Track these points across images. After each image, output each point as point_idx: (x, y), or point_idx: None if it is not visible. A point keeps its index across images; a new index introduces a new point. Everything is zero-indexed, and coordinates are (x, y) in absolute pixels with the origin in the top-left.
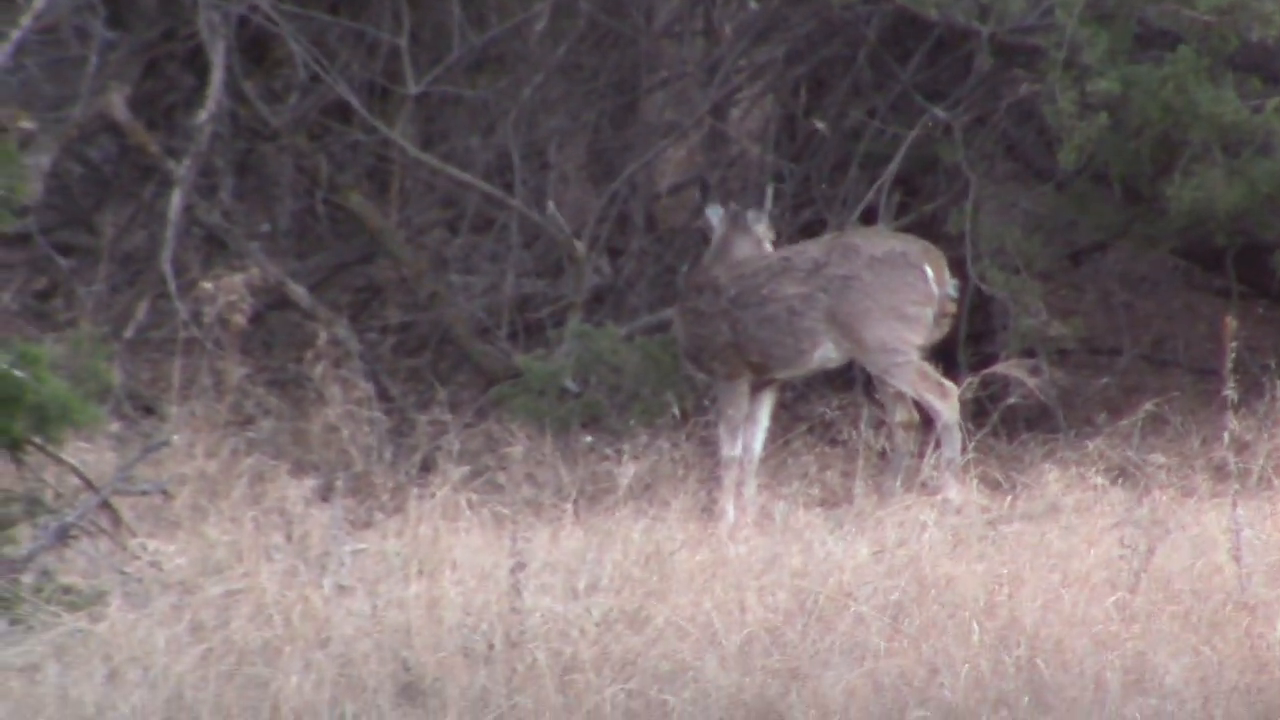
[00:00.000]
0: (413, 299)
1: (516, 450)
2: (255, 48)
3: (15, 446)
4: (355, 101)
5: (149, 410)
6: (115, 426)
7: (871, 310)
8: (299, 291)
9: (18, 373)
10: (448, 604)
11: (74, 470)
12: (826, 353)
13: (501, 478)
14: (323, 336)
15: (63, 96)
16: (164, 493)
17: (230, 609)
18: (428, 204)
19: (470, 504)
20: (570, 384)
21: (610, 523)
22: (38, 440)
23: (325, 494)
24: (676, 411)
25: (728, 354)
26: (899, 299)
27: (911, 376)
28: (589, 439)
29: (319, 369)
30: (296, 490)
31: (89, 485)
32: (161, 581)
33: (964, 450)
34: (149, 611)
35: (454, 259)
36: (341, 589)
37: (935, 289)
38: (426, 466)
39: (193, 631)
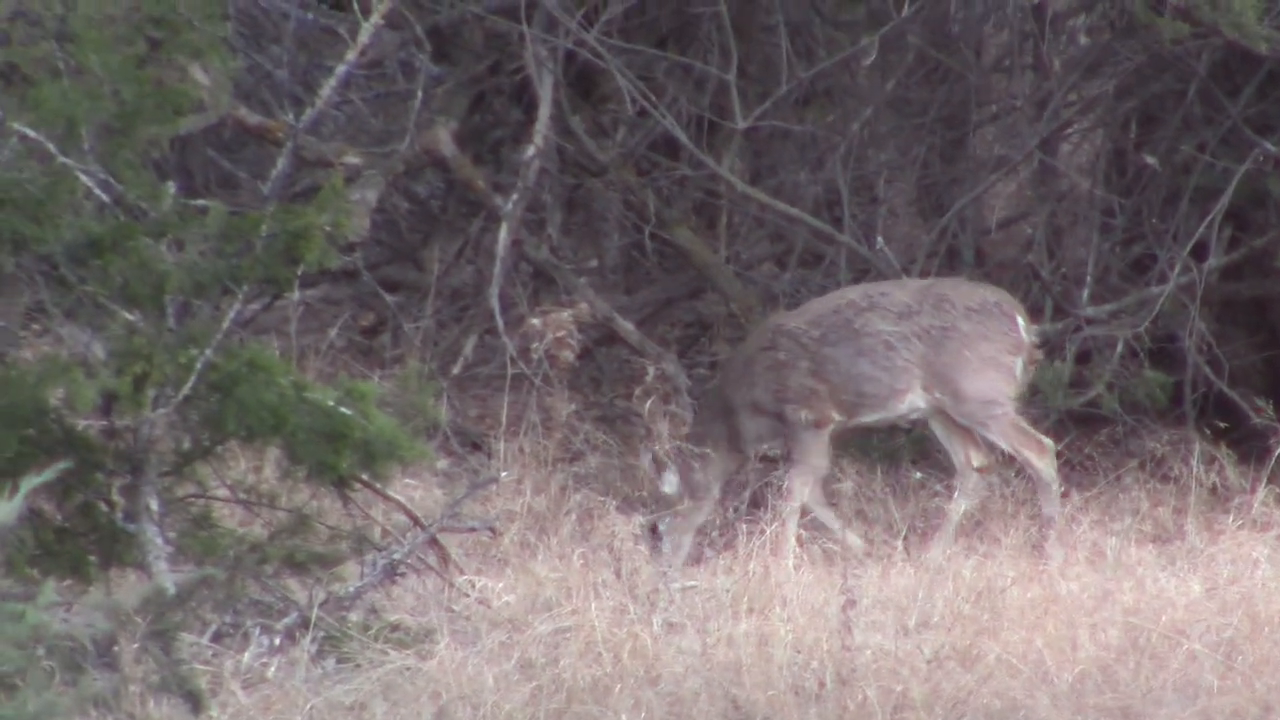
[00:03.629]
0: (741, 334)
1: (846, 486)
2: (582, 82)
3: (343, 483)
4: (683, 136)
5: (476, 447)
6: (443, 463)
7: (970, 361)
8: (627, 327)
9: (345, 409)
10: (778, 641)
11: (401, 507)
12: (916, 400)
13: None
14: (651, 372)
15: (389, 131)
16: (491, 529)
17: (559, 646)
18: (756, 239)
19: (800, 540)
20: None
21: (941, 559)
22: (365, 477)
23: (654, 530)
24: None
25: (815, 398)
26: (995, 349)
27: (1007, 429)
28: (919, 474)
29: (647, 404)
30: (625, 526)
31: (417, 522)
32: (490, 619)
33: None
34: (477, 649)
35: (783, 294)
36: (671, 626)
37: (1025, 337)
38: (756, 502)
39: (521, 669)
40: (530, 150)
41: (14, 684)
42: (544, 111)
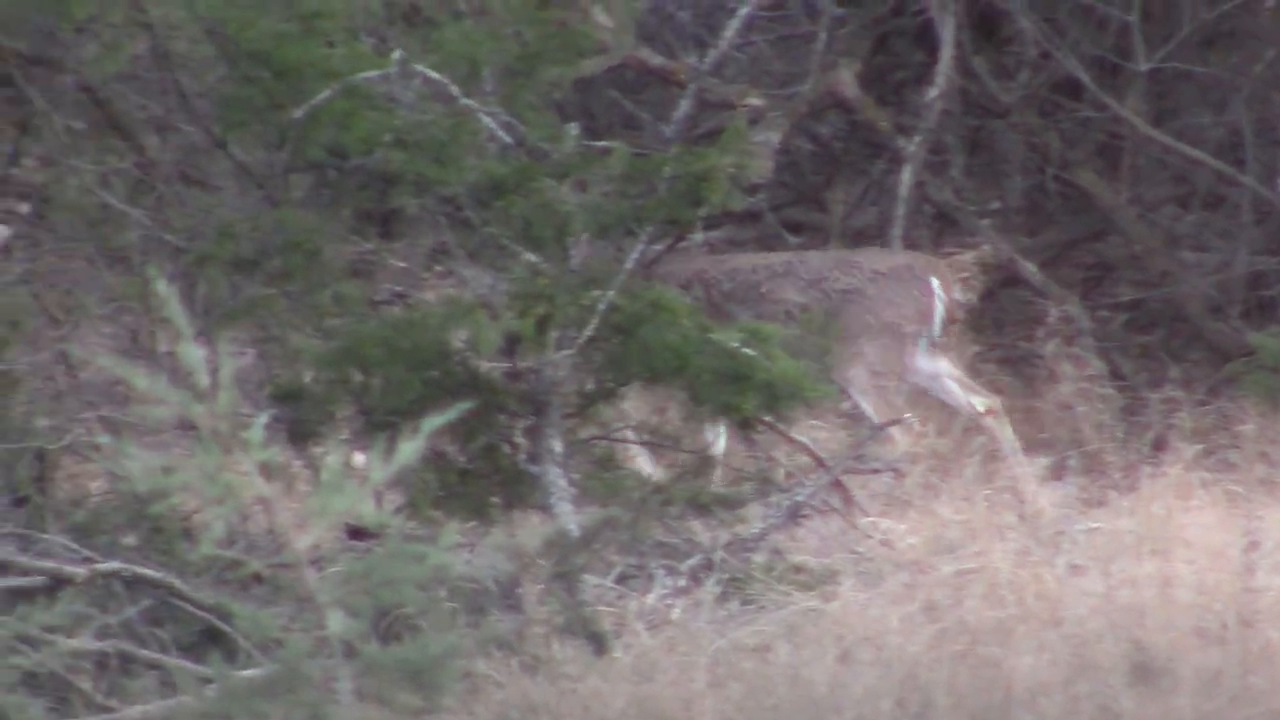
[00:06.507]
0: (1144, 276)
1: (1249, 428)
2: (984, 24)
3: (746, 425)
4: (1085, 78)
5: None
6: (846, 404)
7: (870, 325)
8: (1029, 269)
9: (748, 351)
10: (1180, 583)
11: (805, 449)
12: None
13: (1234, 456)
14: (1054, 314)
15: (791, 73)
16: (895, 471)
17: (963, 588)
18: (1159, 181)
19: (1203, 482)
20: None
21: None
22: (768, 418)
23: (1057, 472)
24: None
25: None
26: (899, 315)
27: (880, 403)
28: None
29: (1050, 346)
30: (1029, 468)
31: (820, 463)
32: (893, 561)
33: None
34: (881, 591)
35: (1185, 236)
36: (1074, 568)
37: (942, 296)
38: (1159, 444)
39: (925, 611)
40: (933, 91)
41: (417, 625)
42: (946, 53)
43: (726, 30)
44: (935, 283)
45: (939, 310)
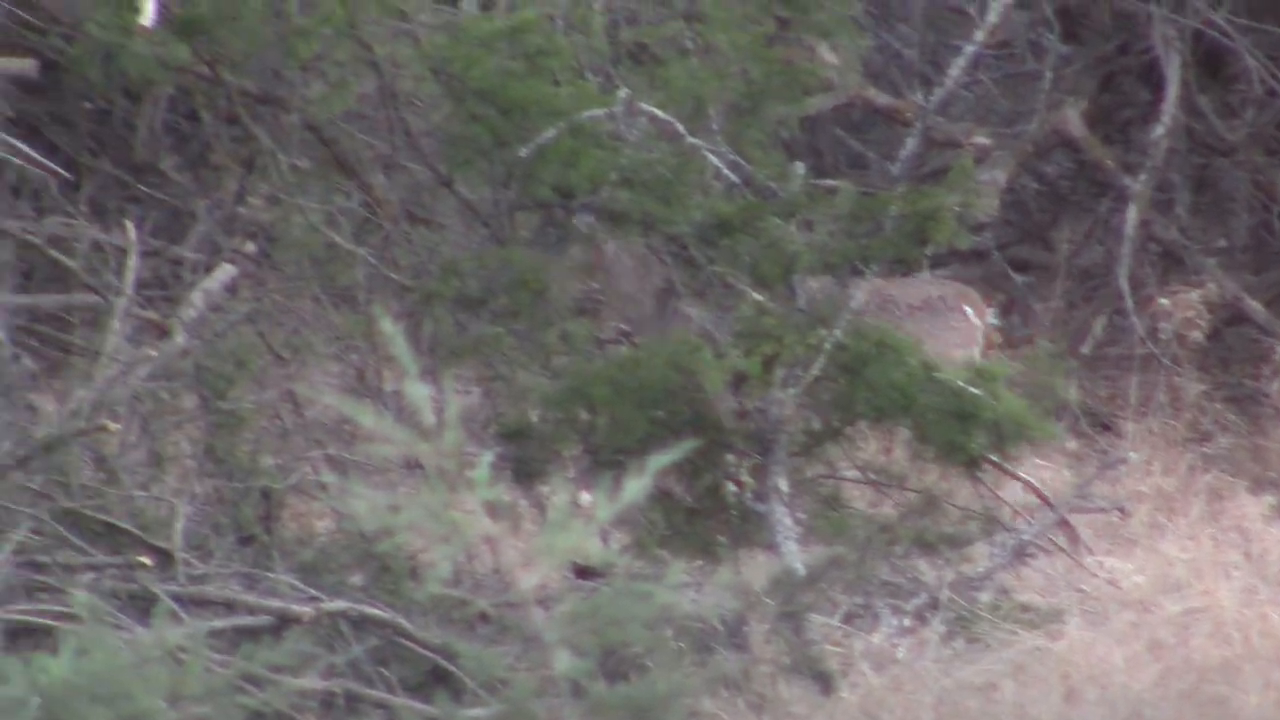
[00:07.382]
0: None
1: None
2: (1210, 62)
3: (972, 464)
4: None
5: (1105, 427)
6: (1072, 444)
7: None
8: (1255, 307)
9: (974, 389)
10: None
11: (1031, 487)
12: None
13: None
14: (1279, 352)
15: (1018, 112)
16: (1121, 510)
17: (1188, 627)
18: None
19: None
20: None
21: None
22: (994, 457)
23: None
24: None
25: None
26: (941, 346)
27: None
28: None
29: (1276, 384)
30: (1255, 507)
31: (1046, 502)
32: (1119, 599)
33: None
34: (1107, 630)
35: None
36: None
37: (977, 324)
38: None
39: (1151, 650)
40: (1159, 130)
41: (643, 664)
42: (1172, 91)
43: (953, 69)
44: (970, 311)
45: (980, 339)
